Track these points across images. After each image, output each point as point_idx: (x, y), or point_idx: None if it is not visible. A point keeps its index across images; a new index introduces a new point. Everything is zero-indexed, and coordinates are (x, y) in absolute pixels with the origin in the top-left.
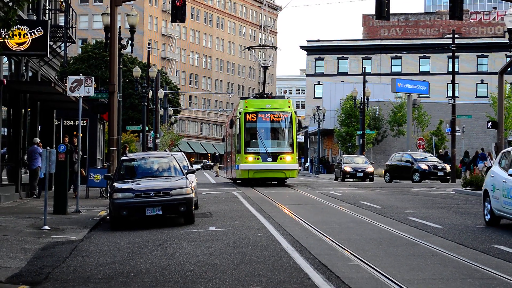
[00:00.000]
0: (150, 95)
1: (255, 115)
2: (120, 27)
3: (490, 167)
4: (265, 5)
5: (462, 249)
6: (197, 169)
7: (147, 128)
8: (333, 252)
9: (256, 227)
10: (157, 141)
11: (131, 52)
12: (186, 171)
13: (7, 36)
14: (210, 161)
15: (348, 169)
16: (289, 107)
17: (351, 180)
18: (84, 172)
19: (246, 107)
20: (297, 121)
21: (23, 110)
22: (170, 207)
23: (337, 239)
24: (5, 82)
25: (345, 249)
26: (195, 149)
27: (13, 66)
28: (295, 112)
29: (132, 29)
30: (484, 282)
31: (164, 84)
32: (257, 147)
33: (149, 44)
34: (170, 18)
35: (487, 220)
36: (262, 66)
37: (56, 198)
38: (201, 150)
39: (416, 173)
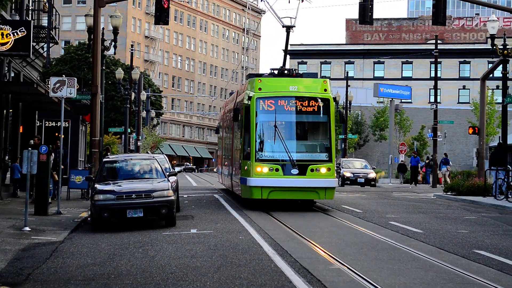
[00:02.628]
0: (132, 97)
1: (273, 102)
2: (103, 28)
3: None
4: (248, 8)
5: (443, 253)
6: (179, 172)
7: (129, 130)
8: (314, 255)
9: (237, 230)
10: (139, 143)
11: (114, 53)
12: (168, 173)
13: None
14: (192, 164)
15: (348, 174)
16: (325, 90)
17: (351, 186)
18: (56, 176)
19: (260, 89)
20: (337, 112)
21: (4, 111)
22: (152, 209)
23: (319, 243)
24: None
25: (326, 253)
26: (177, 152)
27: None
28: (335, 99)
29: (115, 31)
30: (464, 287)
31: (147, 86)
32: (275, 152)
33: (132, 46)
34: (153, 20)
35: None
36: (284, 26)
37: (37, 199)
38: (183, 153)
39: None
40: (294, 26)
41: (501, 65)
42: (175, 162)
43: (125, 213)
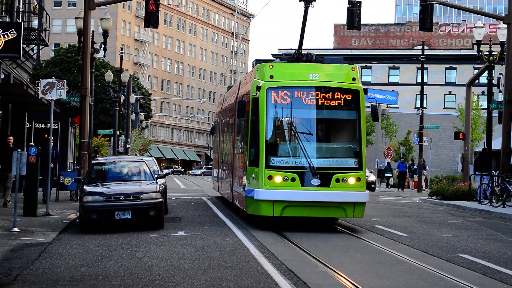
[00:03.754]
0: (122, 100)
1: (288, 93)
2: (93, 31)
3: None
4: (237, 12)
5: (427, 257)
6: (167, 174)
7: (118, 133)
8: (301, 258)
9: (224, 232)
10: (128, 145)
11: (104, 56)
12: (156, 176)
13: None
14: (180, 167)
15: None
16: (353, 79)
17: None
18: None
19: (271, 77)
20: (370, 107)
21: None
22: (140, 211)
23: (304, 246)
24: None
25: (312, 256)
26: (165, 155)
27: None
28: (366, 91)
29: (105, 34)
30: None
31: (136, 89)
32: (291, 157)
33: (121, 49)
34: (143, 23)
35: None
36: (302, 0)
37: (26, 200)
38: (172, 156)
39: None
40: (314, 0)
41: (486, 71)
42: (163, 164)
43: (113, 215)
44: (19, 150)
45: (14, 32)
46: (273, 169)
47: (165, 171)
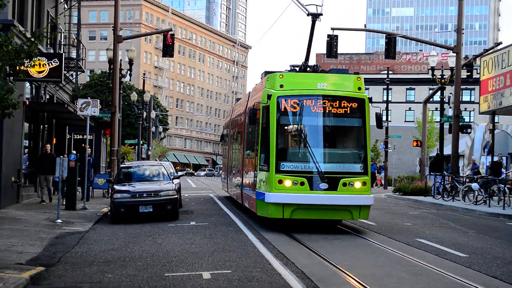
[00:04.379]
0: (144, 116)
1: (297, 101)
2: (120, 60)
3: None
4: (238, 44)
5: (392, 241)
6: (181, 176)
7: (141, 142)
8: (290, 243)
9: (227, 222)
10: (149, 152)
11: (129, 80)
12: (172, 177)
13: (29, 66)
14: (192, 170)
15: None
16: (359, 88)
17: None
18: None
19: (282, 86)
20: (374, 115)
21: (41, 126)
22: (159, 205)
23: (292, 232)
24: (27, 102)
25: (299, 241)
26: (179, 160)
27: (34, 90)
28: (370, 100)
29: (130, 62)
30: (409, 268)
31: (156, 107)
32: (301, 162)
33: (144, 74)
34: (161, 53)
35: None
36: (310, 14)
37: (67, 197)
38: (185, 161)
39: None
40: (321, 14)
41: (439, 91)
42: (178, 167)
43: (138, 209)
44: (61, 156)
45: (57, 61)
46: (283, 174)
47: (179, 173)
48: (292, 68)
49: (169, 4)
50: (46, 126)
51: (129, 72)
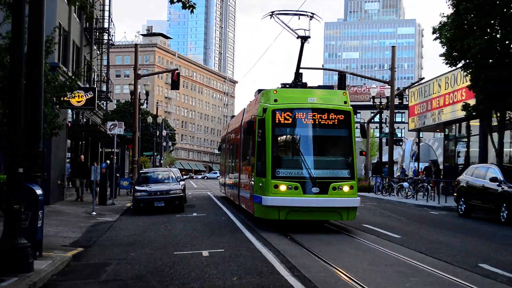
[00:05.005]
0: (157, 134)
1: (290, 114)
2: (139, 92)
3: None
4: (227, 80)
5: (344, 227)
6: (186, 179)
7: (155, 154)
8: (268, 229)
9: (221, 214)
10: (161, 161)
11: (146, 107)
12: (179, 179)
13: (71, 97)
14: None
15: None
16: (345, 102)
17: None
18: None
19: (276, 100)
20: (359, 127)
21: (80, 142)
22: (169, 201)
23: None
24: (69, 125)
25: (274, 226)
26: (184, 167)
27: (74, 115)
28: (356, 112)
29: (146, 93)
30: (357, 246)
31: (166, 127)
32: (294, 169)
33: (157, 102)
34: (170, 87)
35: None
36: (299, 37)
37: (100, 195)
38: (188, 167)
39: None
40: (309, 37)
41: (378, 114)
42: (183, 173)
43: (153, 204)
44: (94, 164)
45: (91, 93)
46: (278, 179)
47: (184, 177)
48: (283, 85)
49: (175, 50)
50: (84, 142)
51: (145, 101)
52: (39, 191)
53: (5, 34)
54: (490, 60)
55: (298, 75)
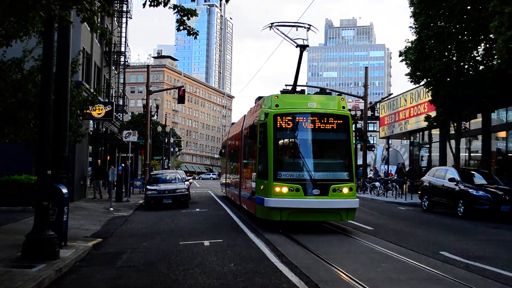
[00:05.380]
0: (166, 141)
1: (291, 118)
2: (151, 105)
3: None
4: (225, 95)
5: (330, 223)
6: (190, 179)
7: (164, 158)
8: (262, 223)
9: (220, 209)
10: (169, 164)
11: (156, 118)
12: (184, 180)
13: (92, 110)
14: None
15: None
16: (343, 107)
17: None
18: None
19: (277, 105)
20: (356, 130)
21: (99, 148)
22: (176, 198)
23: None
24: (91, 133)
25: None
26: (189, 169)
27: (95, 125)
28: (354, 117)
29: (157, 107)
30: (336, 237)
31: (173, 135)
32: (295, 171)
33: (166, 114)
34: (177, 101)
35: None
36: (298, 46)
37: (117, 193)
38: (192, 170)
39: None
40: (308, 46)
41: (354, 124)
42: (188, 174)
43: (162, 201)
44: (112, 167)
45: (110, 107)
46: (280, 181)
47: (189, 178)
48: (283, 92)
49: (181, 70)
50: (103, 148)
51: (156, 113)
52: (64, 190)
53: (37, 57)
54: (448, 79)
55: (295, 84)
